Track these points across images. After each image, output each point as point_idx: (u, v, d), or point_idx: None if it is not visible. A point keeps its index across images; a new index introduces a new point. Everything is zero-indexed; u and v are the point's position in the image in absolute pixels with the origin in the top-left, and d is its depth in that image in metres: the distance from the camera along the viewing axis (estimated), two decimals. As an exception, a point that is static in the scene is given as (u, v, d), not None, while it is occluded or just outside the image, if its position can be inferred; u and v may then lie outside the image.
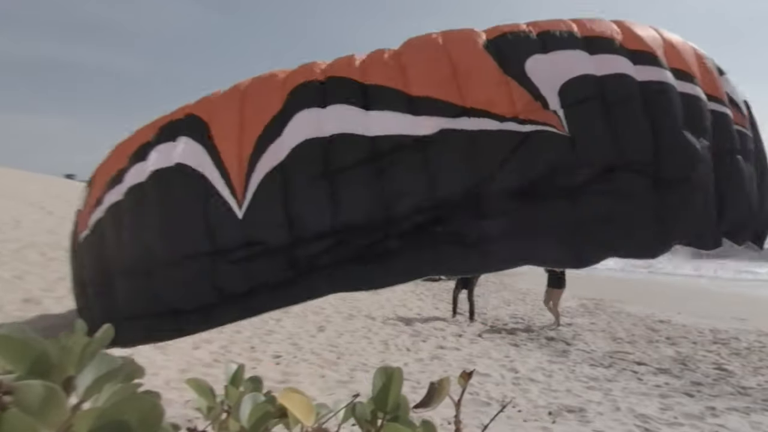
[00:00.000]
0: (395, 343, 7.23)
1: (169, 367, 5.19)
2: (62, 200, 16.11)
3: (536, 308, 10.78)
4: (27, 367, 0.46)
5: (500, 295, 12.73)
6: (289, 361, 5.96)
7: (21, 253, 8.72)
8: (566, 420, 4.75)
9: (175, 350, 5.75)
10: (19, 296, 6.53)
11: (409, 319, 8.91)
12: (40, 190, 17.65)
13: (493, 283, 15.25)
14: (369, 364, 6.11)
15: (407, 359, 6.52)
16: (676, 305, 11.38)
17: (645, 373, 6.39)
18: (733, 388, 5.83)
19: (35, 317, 5.92)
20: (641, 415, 4.89)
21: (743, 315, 10.25)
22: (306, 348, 6.55)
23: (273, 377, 5.29)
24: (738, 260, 23.36)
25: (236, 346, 6.24)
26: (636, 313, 10.40)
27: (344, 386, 5.26)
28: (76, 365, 0.50)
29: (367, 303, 10.04)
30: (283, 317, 8.04)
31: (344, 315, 8.75)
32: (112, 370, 0.52)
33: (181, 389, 4.42)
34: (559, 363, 6.74)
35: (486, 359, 6.75)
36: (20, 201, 14.19)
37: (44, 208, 13.56)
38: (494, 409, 4.84)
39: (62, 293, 7.03)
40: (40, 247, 9.35)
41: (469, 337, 7.97)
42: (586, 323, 9.38)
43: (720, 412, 5.06)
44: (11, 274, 7.44)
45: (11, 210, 12.35)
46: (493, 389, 5.52)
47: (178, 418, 3.67)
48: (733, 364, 6.81)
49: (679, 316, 10.19)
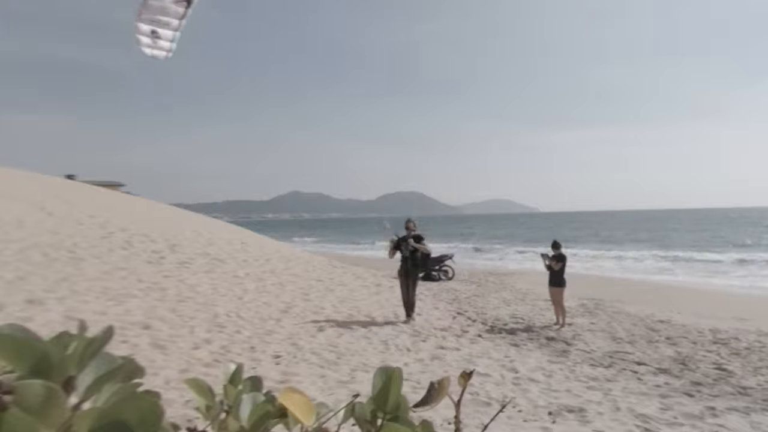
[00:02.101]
0: (395, 343, 7.23)
1: (169, 367, 5.19)
2: (63, 201, 16.12)
3: (536, 308, 10.78)
4: (28, 367, 0.46)
5: (500, 295, 12.72)
6: (289, 361, 5.96)
7: (24, 254, 8.73)
8: (566, 420, 4.75)
9: (175, 350, 5.76)
10: (21, 297, 6.54)
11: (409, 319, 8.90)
12: (41, 191, 17.64)
13: (493, 283, 15.25)
14: (369, 364, 6.11)
15: (407, 359, 6.52)
16: (676, 305, 11.37)
17: (645, 373, 6.38)
18: (733, 388, 5.82)
19: (37, 318, 5.92)
20: (641, 415, 4.89)
21: (743, 315, 10.24)
22: (306, 348, 6.55)
23: (273, 377, 5.30)
24: (739, 259, 23.35)
25: (236, 346, 6.24)
26: (636, 313, 10.39)
27: (344, 386, 5.26)
28: (77, 365, 0.50)
29: (368, 303, 10.04)
30: (283, 317, 8.05)
31: (344, 315, 8.75)
32: (112, 370, 0.52)
33: (181, 389, 4.43)
34: (559, 363, 6.74)
35: (486, 359, 6.75)
36: (22, 202, 14.19)
37: (45, 209, 13.57)
38: (494, 409, 4.84)
39: (64, 294, 7.04)
40: (43, 247, 9.36)
41: (470, 337, 7.97)
42: (586, 323, 9.37)
43: (720, 412, 5.06)
44: (14, 275, 7.45)
45: (13, 210, 12.36)
46: (493, 389, 5.52)
47: (178, 418, 3.67)
48: (733, 364, 6.80)
49: (679, 316, 10.18)
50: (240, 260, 12.24)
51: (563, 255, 9.43)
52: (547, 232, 58.03)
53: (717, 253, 27.13)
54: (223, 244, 14.18)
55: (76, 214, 13.60)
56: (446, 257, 16.22)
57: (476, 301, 11.60)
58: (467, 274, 17.15)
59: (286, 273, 11.80)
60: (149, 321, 6.57)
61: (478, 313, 10.18)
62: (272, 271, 11.74)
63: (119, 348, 5.25)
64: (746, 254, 26.19)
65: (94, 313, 6.47)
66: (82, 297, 7.05)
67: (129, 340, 5.75)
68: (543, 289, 10.60)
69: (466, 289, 13.58)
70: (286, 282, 10.83)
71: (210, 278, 9.78)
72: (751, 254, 26.14)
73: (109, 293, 7.47)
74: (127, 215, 16.02)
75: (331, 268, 14.04)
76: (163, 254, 11.01)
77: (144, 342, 5.81)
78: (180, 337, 6.19)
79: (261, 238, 19.27)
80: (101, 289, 7.58)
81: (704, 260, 24.01)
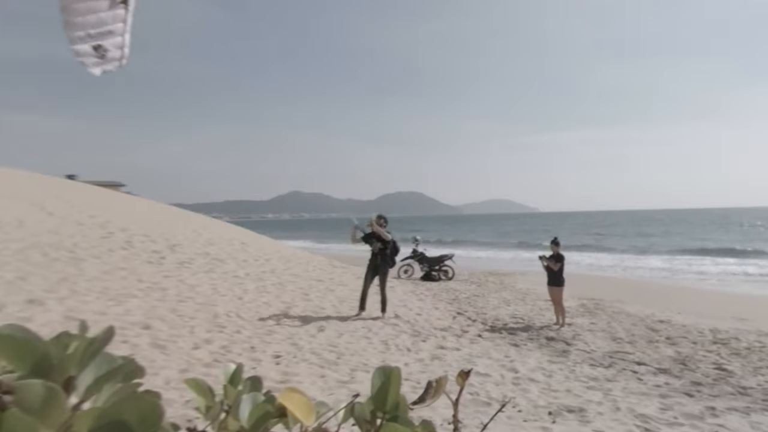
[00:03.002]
0: (395, 343, 7.23)
1: (169, 367, 5.19)
2: (63, 201, 16.12)
3: (536, 308, 10.78)
4: (28, 367, 0.47)
5: (500, 295, 12.72)
6: (289, 361, 5.96)
7: (24, 254, 8.73)
8: (566, 420, 4.75)
9: (175, 350, 5.76)
10: (22, 297, 6.54)
11: (409, 319, 8.91)
12: (41, 191, 17.65)
13: (493, 283, 15.25)
14: (369, 364, 6.11)
15: (407, 359, 6.52)
16: (676, 305, 11.37)
17: (645, 373, 6.39)
18: (733, 388, 5.82)
19: (37, 318, 5.92)
20: (641, 415, 4.89)
21: (743, 315, 10.24)
22: (306, 348, 6.55)
23: (273, 377, 5.30)
24: (739, 260, 23.34)
25: (236, 346, 6.24)
26: (636, 313, 10.39)
27: (344, 386, 5.26)
28: (77, 365, 0.51)
29: (367, 303, 10.03)
30: (283, 317, 8.05)
31: (344, 315, 8.75)
32: (112, 370, 0.53)
33: (181, 389, 4.43)
34: (559, 363, 6.74)
35: (486, 359, 6.75)
36: (22, 201, 14.20)
37: (45, 209, 13.57)
38: (494, 409, 4.84)
39: (64, 294, 7.04)
40: (43, 247, 9.36)
41: (470, 337, 7.97)
42: (586, 323, 9.37)
43: (720, 412, 5.06)
44: (14, 275, 7.44)
45: (13, 210, 12.36)
46: (493, 389, 5.52)
47: (178, 418, 3.67)
48: (733, 364, 6.81)
49: (679, 316, 10.18)
50: (240, 260, 12.24)
51: (561, 255, 9.47)
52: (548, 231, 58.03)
53: (717, 253, 27.14)
54: (223, 244, 14.18)
55: (77, 215, 13.60)
56: (446, 257, 16.22)
57: (476, 301, 11.61)
58: (467, 274, 17.15)
59: (286, 273, 11.80)
60: (149, 321, 6.57)
61: (478, 313, 10.18)
62: (272, 271, 11.74)
63: (119, 348, 5.25)
64: (745, 253, 26.20)
65: (94, 313, 6.47)
66: (82, 297, 7.05)
67: (129, 340, 5.75)
68: (543, 289, 10.60)
69: (466, 289, 13.58)
70: (286, 282, 10.83)
71: (210, 278, 9.78)
72: (750, 254, 26.15)
73: (109, 293, 7.47)
74: (127, 215, 16.02)
75: (331, 268, 14.04)
76: (164, 254, 11.01)
77: (144, 342, 5.81)
78: (180, 337, 6.20)
79: (261, 238, 19.27)
80: (101, 289, 7.58)
81: (704, 260, 24.01)
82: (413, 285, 13.97)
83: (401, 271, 16.11)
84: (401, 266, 16.14)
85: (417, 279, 15.53)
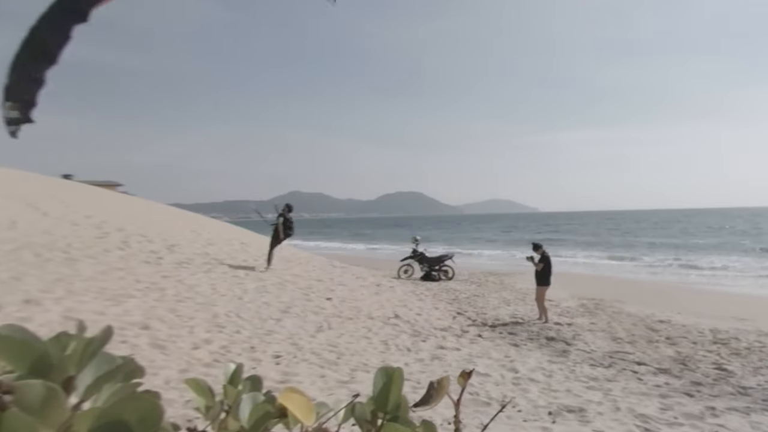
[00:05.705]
0: (395, 343, 7.23)
1: (168, 367, 5.19)
2: (58, 201, 16.10)
3: (536, 308, 10.78)
4: (27, 367, 0.46)
5: (500, 295, 12.73)
6: (289, 361, 5.96)
7: (16, 254, 8.71)
8: (566, 420, 4.75)
9: (175, 350, 5.75)
10: (18, 297, 6.53)
11: (409, 319, 8.91)
12: (36, 191, 17.61)
13: (493, 283, 15.25)
14: (369, 364, 6.11)
15: (407, 359, 6.52)
16: (676, 305, 11.38)
17: (645, 373, 6.39)
18: (733, 388, 5.82)
19: (36, 318, 5.92)
20: (641, 415, 4.89)
21: (743, 315, 10.25)
22: (306, 348, 6.55)
23: (273, 377, 5.30)
24: (739, 259, 23.36)
25: (236, 346, 6.24)
26: (636, 313, 10.39)
27: (344, 386, 5.26)
28: (76, 365, 0.50)
29: (367, 303, 10.04)
30: (283, 317, 8.04)
31: (344, 315, 8.75)
32: (112, 370, 0.52)
33: (181, 389, 4.42)
34: (559, 363, 6.74)
35: (486, 359, 6.75)
36: (16, 201, 14.17)
37: (40, 209, 13.54)
38: (494, 409, 4.84)
39: (61, 294, 7.04)
40: (35, 247, 9.34)
41: (470, 337, 7.97)
42: (586, 323, 9.38)
43: (720, 412, 5.06)
44: (8, 275, 7.43)
45: (6, 210, 12.34)
46: (493, 389, 5.52)
47: (178, 418, 3.67)
48: (733, 364, 6.81)
49: (679, 316, 10.18)
50: (240, 260, 12.24)
51: (545, 256, 10.13)
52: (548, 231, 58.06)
53: (717, 253, 27.16)
54: (223, 244, 14.18)
55: (72, 215, 13.56)
56: (446, 257, 16.21)
57: (476, 301, 11.61)
58: (467, 274, 17.15)
59: (286, 273, 11.80)
60: (148, 321, 6.56)
61: (478, 313, 10.19)
62: (272, 271, 11.74)
63: (119, 348, 5.25)
64: (747, 255, 26.22)
65: (93, 313, 6.46)
66: (80, 297, 7.04)
67: (128, 341, 5.75)
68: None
69: (466, 289, 13.58)
70: (286, 282, 10.83)
71: (209, 278, 9.77)
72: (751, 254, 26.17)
73: (106, 293, 7.46)
74: (124, 215, 16.01)
75: (331, 268, 14.04)
76: (161, 254, 11.00)
77: (143, 342, 5.80)
78: (179, 337, 6.19)
79: (261, 238, 19.27)
80: (98, 290, 7.57)
81: (704, 260, 24.02)
82: (413, 285, 13.97)
83: (401, 271, 16.11)
84: (401, 266, 16.13)
85: (417, 279, 15.53)
